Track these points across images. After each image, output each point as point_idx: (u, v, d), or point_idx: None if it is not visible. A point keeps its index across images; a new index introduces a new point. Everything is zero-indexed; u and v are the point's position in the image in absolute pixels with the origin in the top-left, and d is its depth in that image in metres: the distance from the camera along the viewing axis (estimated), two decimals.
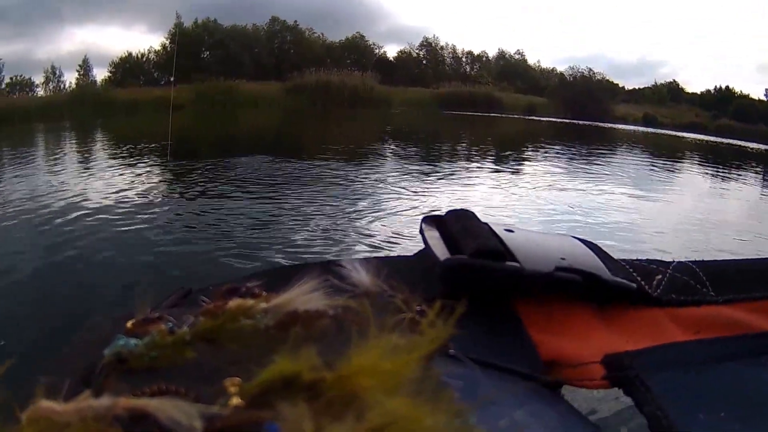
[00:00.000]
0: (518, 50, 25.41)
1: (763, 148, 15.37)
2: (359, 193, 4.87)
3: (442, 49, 24.38)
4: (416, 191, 5.05)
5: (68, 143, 9.91)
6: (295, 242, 3.32)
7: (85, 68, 19.16)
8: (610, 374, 0.38)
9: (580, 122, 17.97)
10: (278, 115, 15.97)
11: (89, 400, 0.20)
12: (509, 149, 9.27)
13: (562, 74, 24.60)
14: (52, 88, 18.87)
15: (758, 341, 0.41)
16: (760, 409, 0.36)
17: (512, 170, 6.87)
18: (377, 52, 23.63)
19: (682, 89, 25.52)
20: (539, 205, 4.98)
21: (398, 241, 3.42)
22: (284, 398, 0.20)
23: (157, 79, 20.26)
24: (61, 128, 12.21)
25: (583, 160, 8.42)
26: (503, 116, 18.70)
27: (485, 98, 20.85)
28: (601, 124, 18.52)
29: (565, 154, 9.17)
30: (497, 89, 22.36)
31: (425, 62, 24.22)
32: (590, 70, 24.00)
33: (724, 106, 23.00)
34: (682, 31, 38.44)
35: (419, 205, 4.55)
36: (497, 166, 7.19)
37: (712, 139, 17.26)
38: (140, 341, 0.24)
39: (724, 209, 5.69)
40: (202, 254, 3.05)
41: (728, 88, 24.14)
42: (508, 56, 25.06)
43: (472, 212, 0.51)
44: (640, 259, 0.50)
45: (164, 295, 0.40)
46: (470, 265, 0.42)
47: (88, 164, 6.70)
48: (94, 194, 4.58)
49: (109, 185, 5.01)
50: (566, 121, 18.44)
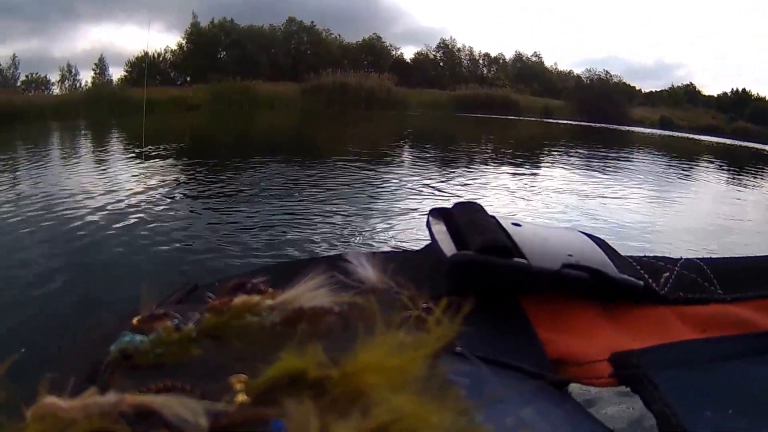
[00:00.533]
0: (535, 52, 25.30)
1: None
2: (374, 192, 4.83)
3: (459, 51, 24.24)
4: (432, 192, 5.01)
5: (83, 141, 9.91)
6: (305, 239, 3.32)
7: (101, 67, 19.17)
8: (617, 372, 0.38)
9: (597, 125, 17.78)
10: (294, 116, 15.87)
11: (95, 396, 0.20)
12: (526, 151, 9.18)
13: (578, 77, 24.44)
14: (67, 86, 18.88)
15: (765, 340, 0.41)
16: (767, 407, 0.36)
17: (528, 172, 6.83)
18: (394, 53, 23.52)
19: (698, 92, 25.24)
20: (551, 202, 4.94)
21: (410, 238, 3.42)
22: (290, 395, 0.20)
23: (173, 78, 20.29)
24: (76, 126, 12.22)
25: (599, 162, 8.34)
26: (520, 119, 18.57)
27: (502, 100, 20.66)
28: (618, 127, 18.33)
29: (581, 156, 9.10)
30: (514, 91, 22.15)
31: (442, 64, 24.04)
32: (607, 72, 23.89)
33: (740, 108, 22.75)
34: (698, 33, 38.11)
35: (435, 204, 4.52)
36: (513, 167, 7.14)
37: (728, 141, 17.05)
38: (146, 338, 0.24)
39: (737, 210, 5.62)
40: (211, 250, 3.05)
41: (745, 90, 23.93)
42: (525, 58, 24.89)
43: (479, 205, 0.51)
44: (647, 255, 0.49)
45: (170, 291, 0.40)
46: (477, 261, 0.42)
47: (100, 162, 6.69)
48: (105, 191, 4.58)
49: (120, 183, 5.01)
50: (583, 123, 18.27)
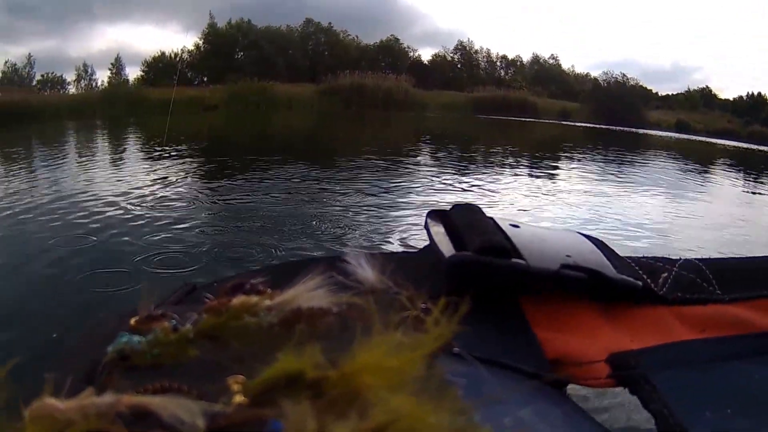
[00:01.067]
0: (552, 55, 25.30)
1: None
2: (381, 193, 4.80)
3: (476, 53, 24.31)
4: (447, 194, 4.99)
5: (97, 141, 9.91)
6: (306, 239, 3.31)
7: (117, 67, 19.38)
8: (615, 373, 0.38)
9: (613, 128, 17.78)
10: (311, 117, 15.86)
11: (92, 397, 0.20)
12: (541, 153, 9.14)
13: (595, 79, 24.51)
14: (84, 85, 19.08)
15: (764, 341, 0.41)
16: (766, 407, 0.36)
17: (541, 173, 6.78)
18: (412, 55, 23.62)
19: (714, 95, 25.23)
20: (563, 203, 4.91)
21: (412, 238, 3.41)
22: (288, 396, 0.20)
23: (190, 79, 20.40)
24: (92, 126, 12.25)
25: (614, 165, 8.29)
26: (537, 121, 18.56)
27: (519, 103, 20.72)
28: (634, 129, 18.29)
29: (596, 159, 9.05)
30: (531, 94, 22.20)
31: (460, 66, 24.13)
32: (623, 75, 23.94)
33: (756, 112, 22.71)
34: (714, 37, 38.20)
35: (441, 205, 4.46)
36: (527, 169, 7.12)
37: (743, 145, 17.00)
38: (143, 338, 0.24)
39: (750, 212, 5.62)
40: (215, 249, 3.05)
41: (760, 94, 23.86)
42: (542, 61, 24.99)
43: (477, 206, 0.51)
44: (646, 256, 0.49)
45: (168, 291, 0.40)
46: (476, 261, 0.42)
47: (111, 162, 6.69)
48: (112, 190, 4.55)
49: (129, 182, 4.99)
50: (600, 126, 18.25)
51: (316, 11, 26.56)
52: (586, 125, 18.68)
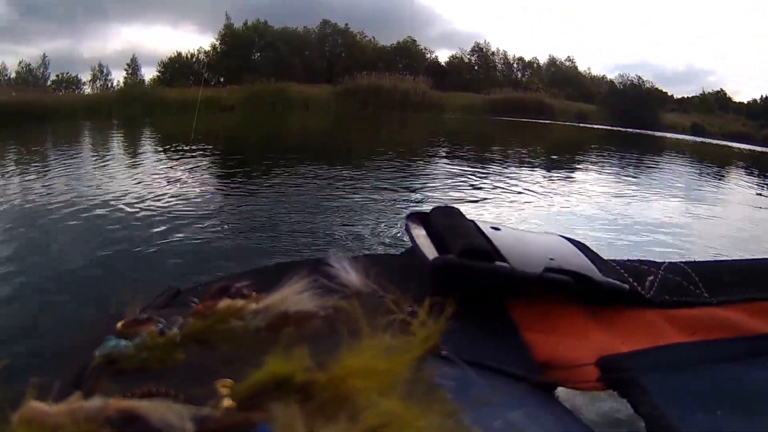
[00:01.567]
0: (569, 57, 25.28)
1: None
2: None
3: (493, 54, 24.21)
4: (462, 198, 4.94)
5: (113, 141, 9.73)
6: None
7: (133, 67, 19.25)
8: (605, 376, 0.38)
9: (629, 130, 17.74)
10: (328, 118, 15.72)
11: (80, 401, 0.20)
12: (558, 157, 9.12)
13: (612, 82, 24.48)
14: (99, 86, 18.95)
15: (753, 343, 0.41)
16: (755, 408, 0.36)
17: (559, 177, 6.74)
18: (429, 56, 23.49)
19: (729, 98, 25.21)
20: (571, 205, 4.85)
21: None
22: (276, 399, 0.19)
23: (207, 79, 20.10)
24: (108, 126, 12.09)
25: (629, 168, 8.26)
26: (554, 123, 18.50)
27: (536, 105, 20.65)
28: (651, 132, 18.26)
29: (612, 162, 8.99)
30: (548, 96, 22.09)
31: (477, 67, 23.98)
32: (639, 78, 23.99)
33: None
34: (729, 39, 38.30)
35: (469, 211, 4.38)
36: (543, 172, 7.07)
37: (758, 149, 16.94)
38: (130, 342, 0.24)
39: (759, 216, 5.62)
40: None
41: None
42: (558, 63, 24.96)
43: (457, 209, 0.51)
44: (630, 259, 0.50)
45: (153, 295, 0.40)
46: (459, 265, 0.42)
47: (124, 161, 6.55)
48: (111, 191, 4.49)
49: (125, 183, 4.92)
50: (616, 129, 18.19)
51: (332, 12, 26.53)
52: (602, 127, 18.63)
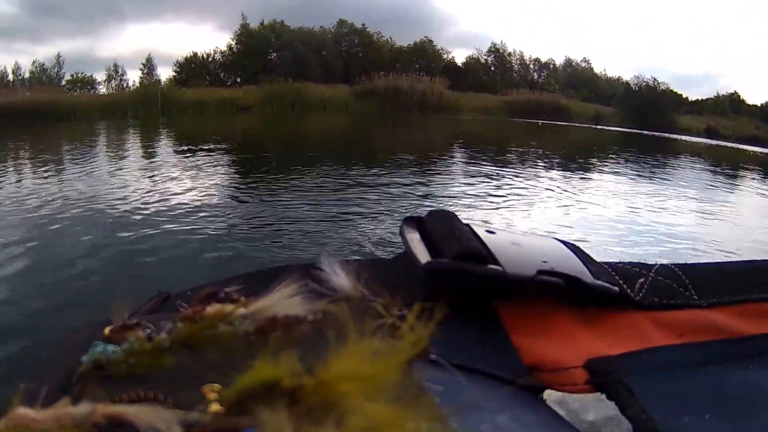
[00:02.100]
0: (584, 58, 25.60)
1: None
2: (418, 200, 4.71)
3: (509, 55, 24.37)
4: (476, 204, 4.90)
5: (121, 142, 9.66)
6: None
7: (148, 67, 19.25)
8: (593, 378, 0.38)
9: (645, 133, 17.84)
10: (346, 119, 15.76)
11: (67, 407, 0.20)
12: (574, 160, 9.08)
13: (627, 83, 24.61)
14: (114, 85, 18.96)
15: (741, 345, 0.41)
16: (744, 412, 0.36)
17: (574, 180, 6.70)
18: (445, 57, 23.56)
19: (743, 101, 25.25)
20: (584, 210, 4.85)
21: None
22: (264, 404, 0.20)
23: (223, 79, 20.21)
24: (123, 126, 12.06)
25: (647, 172, 8.21)
26: (570, 125, 18.57)
27: (553, 106, 20.81)
28: (666, 135, 18.36)
29: (627, 165, 8.95)
30: (564, 97, 22.28)
31: (493, 68, 24.09)
32: (654, 79, 24.12)
33: None
34: (742, 42, 38.67)
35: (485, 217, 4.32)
36: (559, 173, 7.05)
37: None
38: (118, 348, 0.24)
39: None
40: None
41: None
42: (574, 64, 25.15)
43: (452, 213, 0.51)
44: (623, 262, 0.50)
45: (142, 300, 0.40)
46: (452, 268, 0.42)
47: (128, 163, 6.50)
48: (108, 194, 4.45)
49: (124, 186, 4.88)
50: (632, 131, 18.27)
51: (348, 12, 26.69)
52: (618, 129, 18.71)
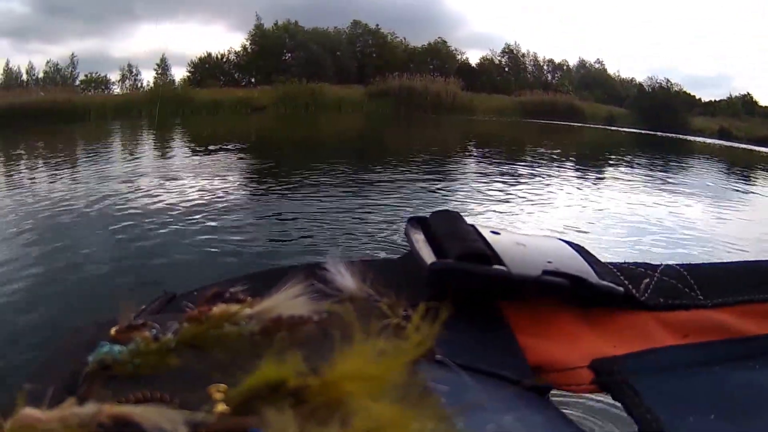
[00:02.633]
0: (598, 59, 25.25)
1: None
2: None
3: (523, 56, 24.22)
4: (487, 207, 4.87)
5: (142, 140, 9.80)
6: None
7: (162, 67, 19.19)
8: (598, 379, 0.38)
9: (658, 134, 17.80)
10: (361, 119, 15.83)
11: (73, 407, 0.20)
12: (587, 161, 9.02)
13: (640, 84, 24.42)
14: (128, 85, 18.94)
15: (746, 345, 0.41)
16: (748, 412, 0.36)
17: (588, 180, 6.68)
18: (459, 57, 23.46)
19: (756, 102, 24.72)
20: (596, 211, 4.84)
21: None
22: (270, 404, 0.20)
23: (237, 80, 20.21)
24: (138, 126, 12.14)
25: (659, 174, 8.19)
26: (584, 126, 18.58)
27: (567, 107, 20.74)
28: (679, 136, 18.27)
29: (643, 168, 8.90)
30: (578, 98, 22.18)
31: (507, 69, 23.92)
32: (668, 81, 23.87)
33: None
34: (756, 43, 38.31)
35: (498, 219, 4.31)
36: (574, 174, 7.04)
37: None
38: (124, 348, 0.24)
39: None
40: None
41: None
42: (588, 65, 25.00)
43: (457, 213, 0.51)
44: (628, 262, 0.50)
45: (148, 300, 0.40)
46: (457, 268, 0.42)
47: (140, 162, 6.56)
48: (117, 194, 4.50)
49: (134, 185, 4.91)
50: (645, 132, 18.22)
51: (362, 13, 26.36)
52: (631, 131, 18.69)
